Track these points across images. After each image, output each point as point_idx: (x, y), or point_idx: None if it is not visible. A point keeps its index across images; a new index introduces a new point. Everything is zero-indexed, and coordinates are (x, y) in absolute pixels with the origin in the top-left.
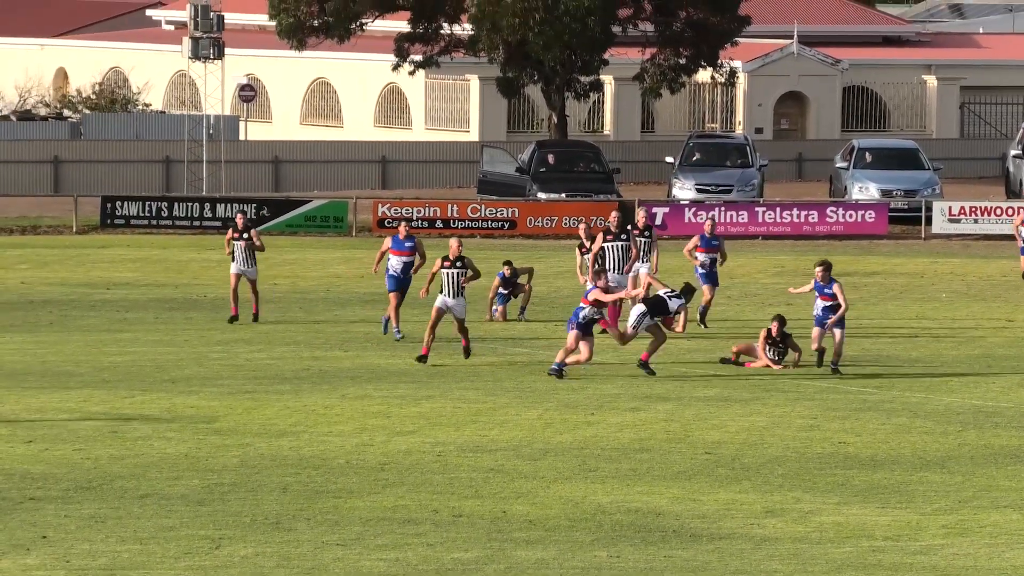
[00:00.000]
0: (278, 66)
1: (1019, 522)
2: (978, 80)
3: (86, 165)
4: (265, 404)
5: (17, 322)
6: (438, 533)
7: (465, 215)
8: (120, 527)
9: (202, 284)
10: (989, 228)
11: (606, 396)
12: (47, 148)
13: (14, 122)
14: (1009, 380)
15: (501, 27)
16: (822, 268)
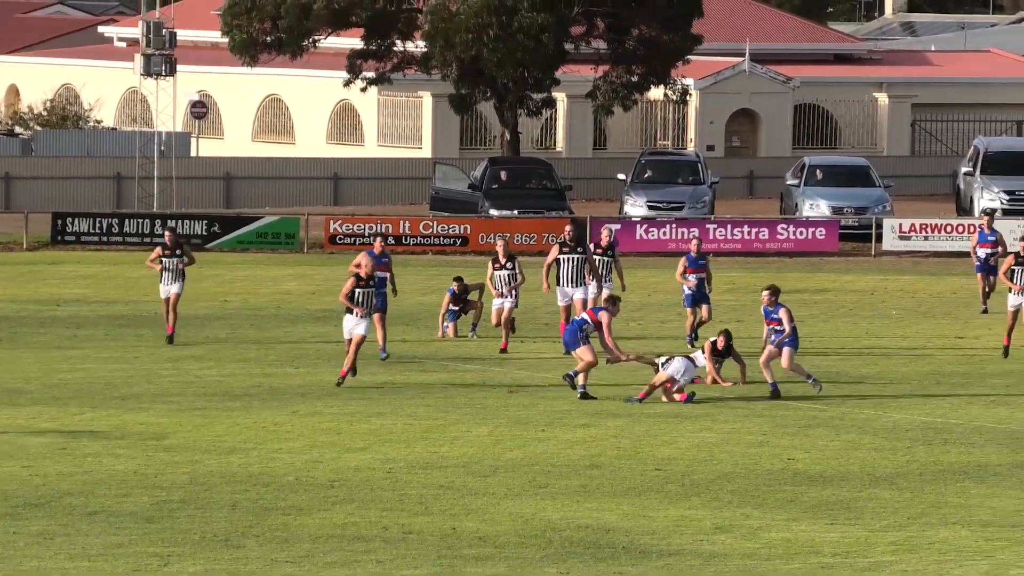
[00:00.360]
0: (230, 83)
1: (968, 539)
2: (929, 98)
3: (37, 181)
4: (215, 421)
5: None
6: (388, 550)
7: (417, 231)
8: (69, 544)
9: (153, 301)
10: (939, 245)
11: (557, 412)
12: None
13: None
14: (959, 397)
15: (454, 44)
16: (768, 292)
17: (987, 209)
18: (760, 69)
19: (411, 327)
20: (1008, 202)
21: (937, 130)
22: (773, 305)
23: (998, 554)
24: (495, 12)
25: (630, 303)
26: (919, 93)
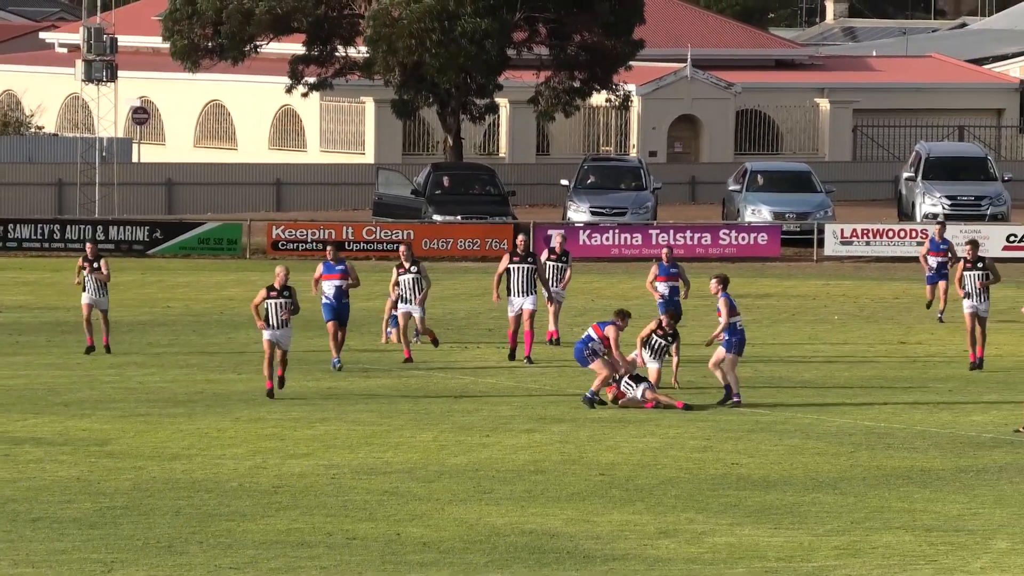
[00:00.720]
0: (172, 88)
1: (911, 543)
2: (871, 103)
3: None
4: (158, 427)
5: None
6: (332, 556)
7: (360, 237)
8: (12, 550)
9: None
10: (881, 250)
11: (501, 418)
12: None
13: None
14: (901, 401)
15: (397, 49)
16: (715, 280)
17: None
18: (702, 75)
19: (354, 333)
20: (949, 207)
21: (879, 135)
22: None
23: (941, 559)
24: (437, 18)
25: (574, 308)
26: (860, 99)
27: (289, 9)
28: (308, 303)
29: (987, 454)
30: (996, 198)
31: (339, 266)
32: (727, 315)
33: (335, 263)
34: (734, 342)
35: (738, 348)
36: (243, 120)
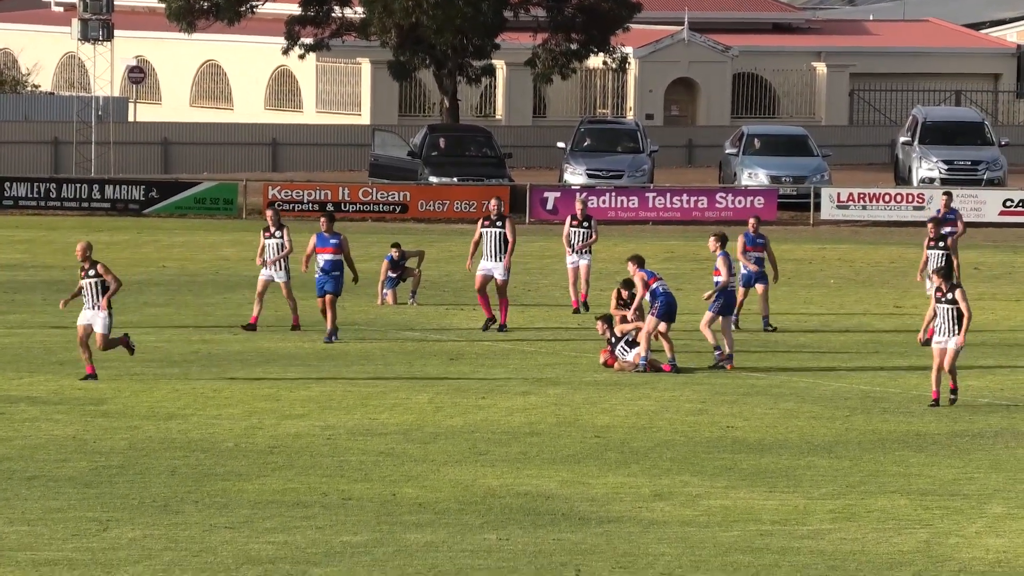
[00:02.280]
0: (168, 48)
1: (906, 507)
2: (868, 67)
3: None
4: (153, 387)
5: None
6: (327, 516)
7: (356, 199)
8: (8, 508)
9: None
10: (877, 215)
11: (497, 380)
12: None
13: None
14: (897, 366)
15: (393, 10)
16: (713, 238)
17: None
18: (699, 38)
19: (350, 294)
20: (946, 172)
21: (875, 100)
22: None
23: (937, 523)
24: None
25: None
26: (857, 63)
27: None
28: None
29: (983, 419)
30: (992, 163)
31: (333, 239)
32: (726, 273)
33: (329, 235)
34: (723, 305)
35: (727, 309)
36: (239, 80)
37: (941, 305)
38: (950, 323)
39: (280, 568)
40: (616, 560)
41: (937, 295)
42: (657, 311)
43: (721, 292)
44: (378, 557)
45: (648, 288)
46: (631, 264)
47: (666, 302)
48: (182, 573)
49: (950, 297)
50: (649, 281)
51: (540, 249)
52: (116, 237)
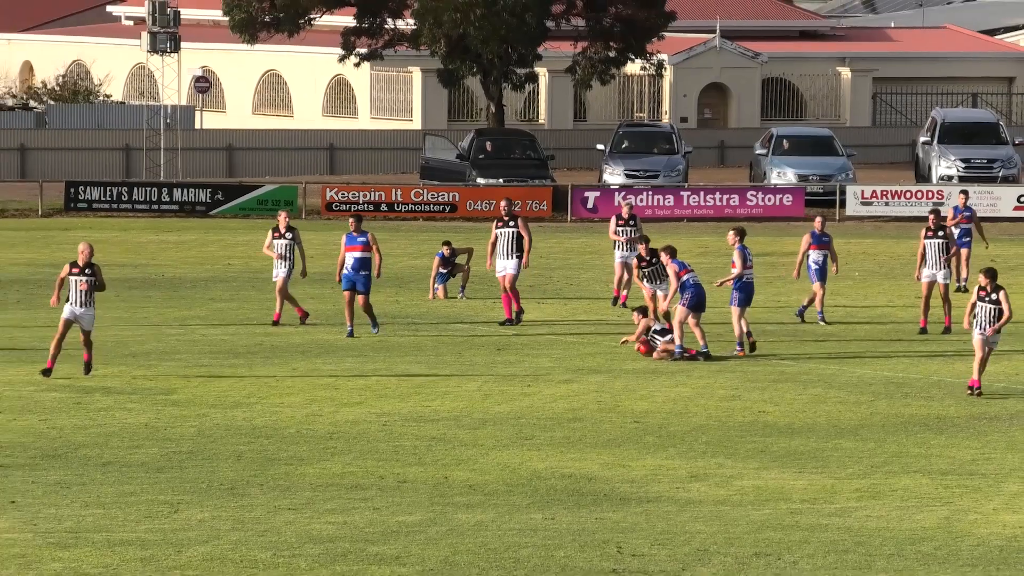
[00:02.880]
0: (231, 59)
1: (928, 486)
2: (889, 72)
3: (51, 153)
4: (220, 377)
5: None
6: (383, 498)
7: (408, 199)
8: (84, 492)
9: (160, 264)
10: (899, 211)
11: (541, 369)
12: (14, 136)
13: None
14: (918, 353)
15: (443, 22)
16: (732, 232)
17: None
18: (730, 45)
19: (403, 289)
20: (964, 170)
21: (897, 102)
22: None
23: (956, 501)
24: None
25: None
26: (880, 67)
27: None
28: None
29: (999, 402)
30: (1007, 161)
31: (361, 237)
32: (741, 265)
33: (357, 234)
34: (740, 297)
35: (743, 301)
36: (298, 89)
37: (984, 303)
38: (990, 319)
39: (340, 547)
40: (655, 538)
41: (980, 293)
42: (688, 302)
43: (738, 282)
44: (431, 536)
45: (679, 279)
46: (664, 254)
47: (695, 293)
48: (248, 552)
49: (993, 297)
50: (680, 272)
51: (582, 245)
52: (184, 237)
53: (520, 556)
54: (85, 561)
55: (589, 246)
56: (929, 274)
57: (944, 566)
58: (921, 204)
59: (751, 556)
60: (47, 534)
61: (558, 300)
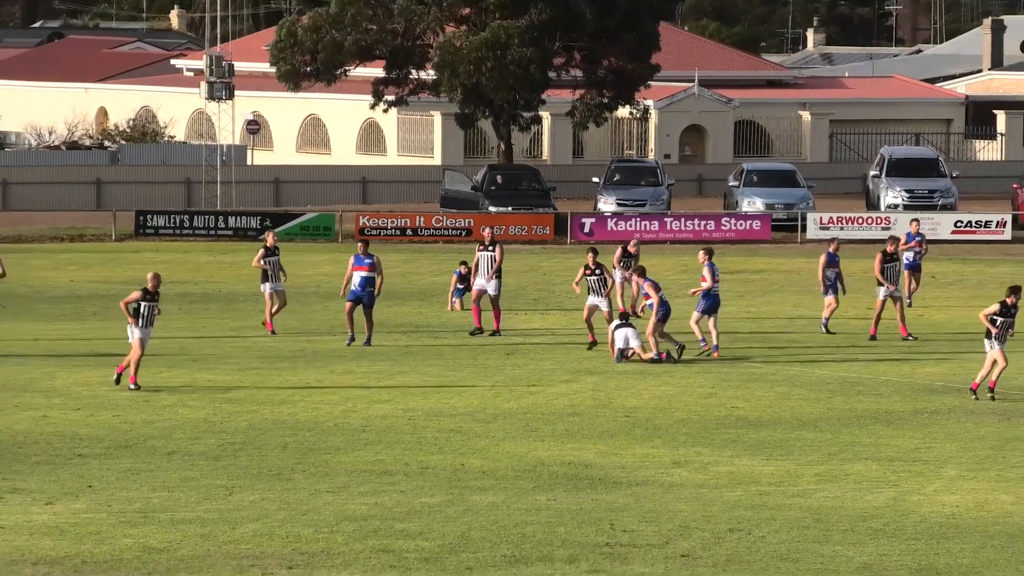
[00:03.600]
0: (278, 105)
1: (877, 471)
2: (844, 115)
3: (123, 186)
4: (268, 378)
5: (67, 313)
6: (409, 482)
7: (430, 224)
8: (151, 478)
9: (216, 282)
10: (853, 234)
11: (544, 371)
12: (91, 172)
13: (64, 151)
14: (869, 357)
15: (459, 72)
16: (703, 252)
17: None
18: (707, 92)
19: (425, 302)
20: (908, 199)
21: (850, 141)
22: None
23: (902, 483)
24: (492, 48)
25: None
26: (835, 111)
27: (372, 41)
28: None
29: (939, 398)
30: (946, 192)
31: (367, 259)
32: (711, 280)
33: (364, 256)
34: (706, 305)
35: (708, 309)
36: (335, 130)
37: (1007, 318)
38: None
39: (371, 524)
40: (642, 516)
41: (1004, 308)
42: (660, 316)
43: (706, 294)
44: (450, 515)
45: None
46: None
47: (715, 302)
48: (292, 528)
49: (1013, 312)
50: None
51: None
52: (237, 258)
53: (526, 532)
54: (152, 537)
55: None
56: (886, 292)
57: (892, 540)
58: (871, 229)
59: (726, 531)
60: (119, 514)
61: (559, 311)
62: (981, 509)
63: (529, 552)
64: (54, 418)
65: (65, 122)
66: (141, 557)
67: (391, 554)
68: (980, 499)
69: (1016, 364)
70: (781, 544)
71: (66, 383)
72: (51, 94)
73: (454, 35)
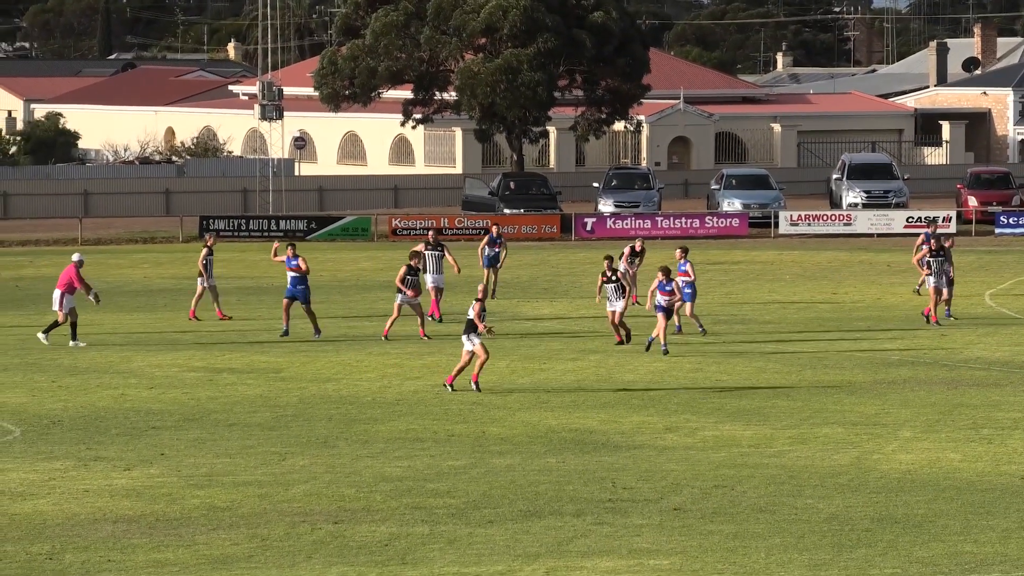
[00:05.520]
0: (321, 123)
1: (842, 434)
2: (809, 126)
3: (188, 195)
4: (315, 359)
5: (141, 305)
6: (438, 448)
7: (453, 225)
8: (215, 446)
9: (269, 277)
10: (819, 229)
11: (553, 350)
12: (160, 183)
13: (137, 165)
14: (833, 335)
15: (477, 94)
16: (679, 250)
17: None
18: (691, 108)
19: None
20: (866, 199)
21: (815, 149)
22: (682, 260)
23: (864, 444)
24: (505, 72)
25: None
26: (802, 123)
27: (402, 67)
28: None
29: (895, 371)
30: (899, 192)
31: (295, 260)
32: (693, 274)
33: (292, 258)
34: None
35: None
36: (370, 144)
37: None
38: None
39: (405, 484)
40: (640, 475)
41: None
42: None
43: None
44: (473, 476)
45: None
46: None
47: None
48: (338, 489)
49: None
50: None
51: (583, 258)
52: None
53: (539, 490)
54: (217, 497)
55: (589, 259)
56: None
57: (856, 494)
58: (834, 224)
59: (712, 487)
60: (188, 477)
61: (566, 299)
62: (933, 466)
63: (542, 507)
64: (131, 396)
65: (138, 140)
66: (207, 515)
67: (423, 510)
68: (932, 457)
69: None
70: (760, 498)
71: (141, 365)
72: (126, 117)
73: (472, 62)
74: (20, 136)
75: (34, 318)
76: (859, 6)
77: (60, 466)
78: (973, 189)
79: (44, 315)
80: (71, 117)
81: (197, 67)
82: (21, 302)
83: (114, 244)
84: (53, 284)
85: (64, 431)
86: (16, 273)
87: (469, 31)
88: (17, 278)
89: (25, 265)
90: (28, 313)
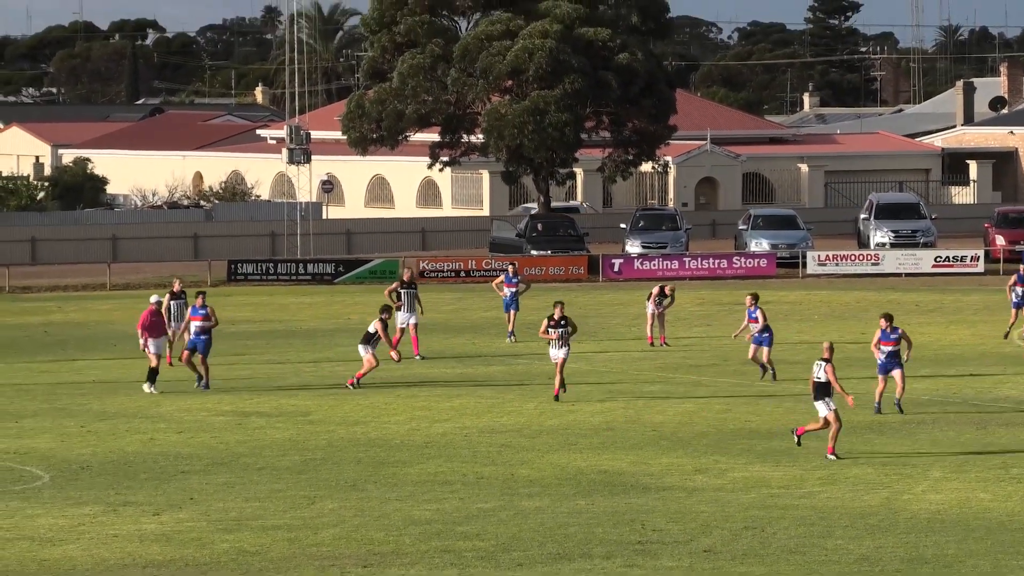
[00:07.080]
0: (348, 167)
1: (872, 475)
2: (837, 166)
3: (216, 239)
4: (344, 402)
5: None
6: (466, 490)
7: (480, 267)
8: (244, 490)
9: (298, 320)
10: (847, 269)
11: (582, 392)
12: (189, 227)
13: (165, 210)
14: (862, 376)
15: (504, 136)
16: (750, 297)
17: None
18: (718, 149)
19: (477, 334)
20: (894, 239)
21: (843, 188)
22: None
23: (894, 485)
24: (532, 114)
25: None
26: (829, 163)
27: (429, 110)
28: None
29: (924, 410)
30: (927, 231)
31: (202, 310)
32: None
33: (200, 308)
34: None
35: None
36: (398, 187)
37: None
38: None
39: (435, 527)
40: (669, 517)
41: None
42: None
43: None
44: (503, 518)
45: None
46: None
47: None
48: (367, 532)
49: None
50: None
51: (611, 299)
52: (315, 299)
53: (569, 532)
54: (246, 542)
55: (616, 299)
56: None
57: (886, 534)
58: (862, 264)
59: (741, 529)
60: (217, 522)
61: (593, 340)
62: (963, 506)
63: (571, 550)
64: (160, 440)
65: (166, 185)
66: (236, 559)
67: (452, 553)
68: (962, 497)
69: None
70: (790, 539)
71: (169, 410)
72: (154, 161)
73: (499, 104)
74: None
75: (64, 364)
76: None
77: (89, 511)
78: (1001, 228)
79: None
80: (99, 162)
81: (224, 112)
82: (50, 348)
83: (143, 288)
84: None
85: (93, 476)
86: (45, 319)
87: (495, 73)
88: (46, 324)
89: (53, 311)
90: (57, 359)
